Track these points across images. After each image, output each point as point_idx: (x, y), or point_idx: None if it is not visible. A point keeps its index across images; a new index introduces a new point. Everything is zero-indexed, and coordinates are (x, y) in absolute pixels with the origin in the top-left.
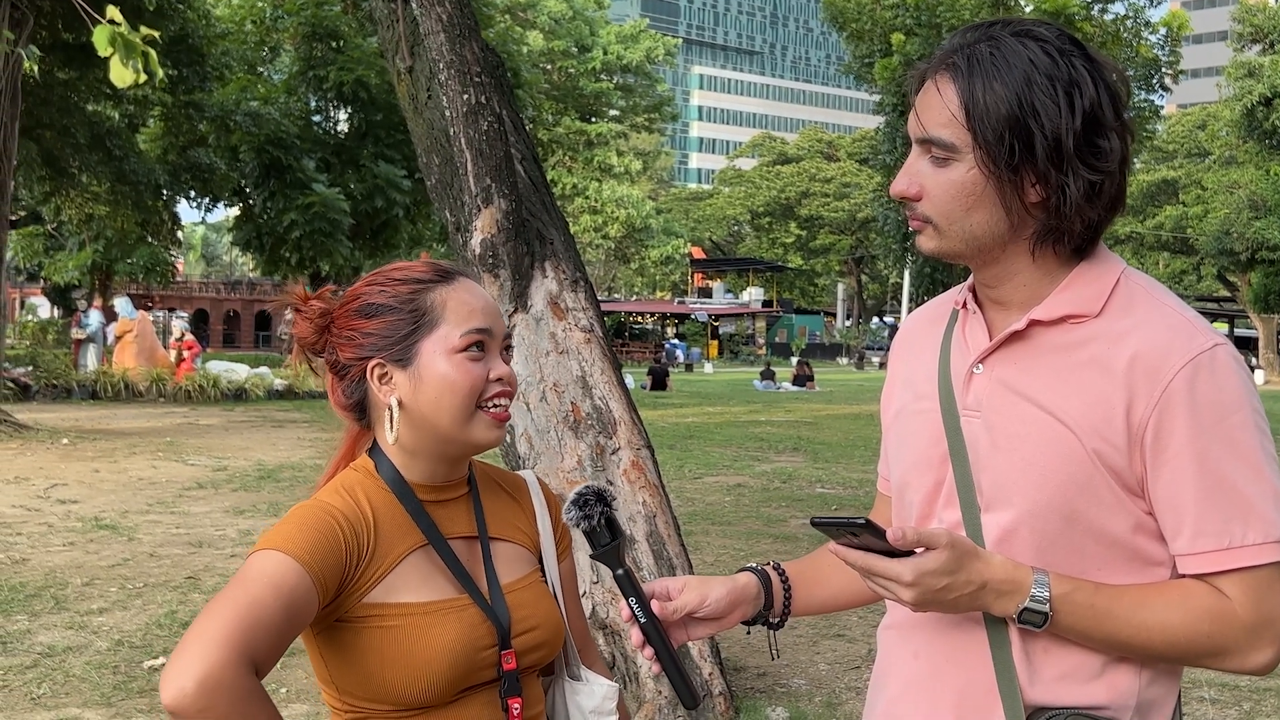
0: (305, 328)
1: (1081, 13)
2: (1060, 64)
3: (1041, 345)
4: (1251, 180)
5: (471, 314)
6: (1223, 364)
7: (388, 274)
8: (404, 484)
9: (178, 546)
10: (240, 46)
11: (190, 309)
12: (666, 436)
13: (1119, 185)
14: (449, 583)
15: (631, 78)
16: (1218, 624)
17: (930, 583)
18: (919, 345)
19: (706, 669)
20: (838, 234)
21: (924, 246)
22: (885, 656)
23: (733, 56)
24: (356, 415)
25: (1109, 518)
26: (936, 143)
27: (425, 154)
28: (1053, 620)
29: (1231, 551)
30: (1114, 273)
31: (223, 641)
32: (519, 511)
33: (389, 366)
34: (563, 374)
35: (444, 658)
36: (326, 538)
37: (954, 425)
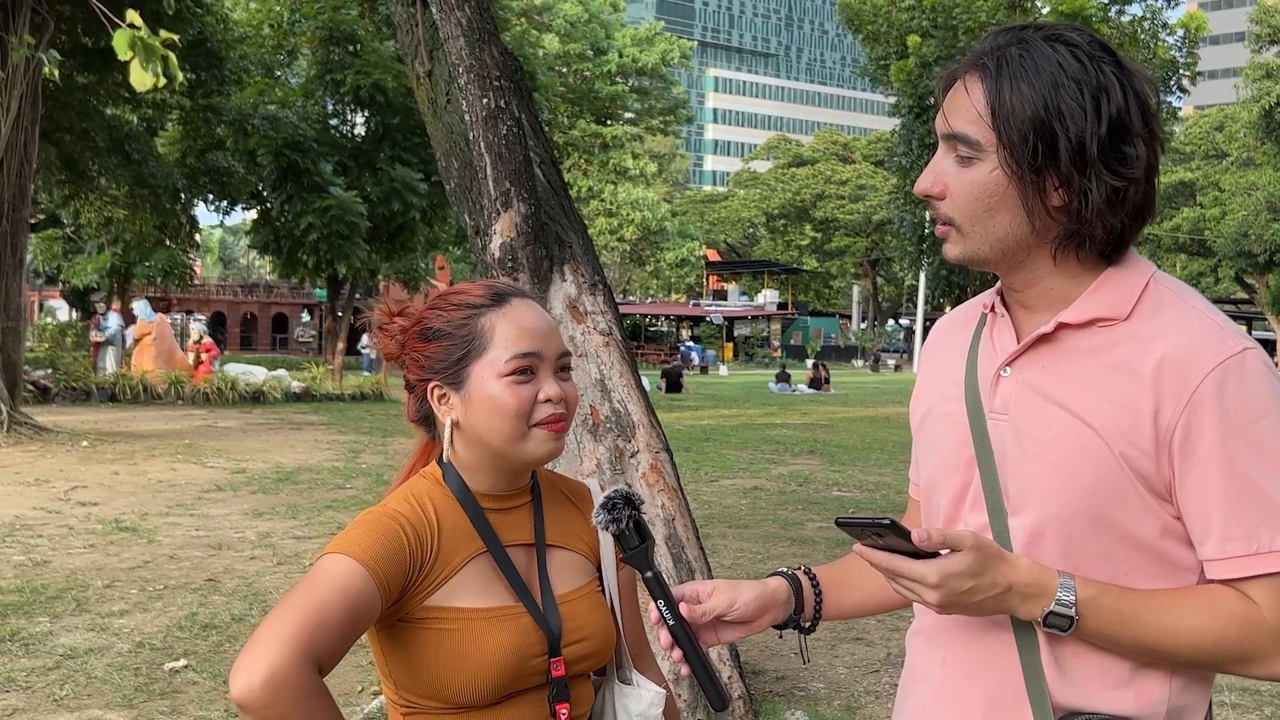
0: (389, 344)
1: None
2: (1090, 69)
3: (1069, 348)
4: (1269, 182)
5: (520, 338)
6: (1252, 368)
7: (447, 298)
8: (468, 493)
9: (197, 549)
10: (258, 50)
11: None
12: (682, 439)
13: (1145, 193)
14: (506, 590)
15: (647, 80)
16: (1245, 630)
17: (955, 585)
18: (948, 349)
19: (726, 673)
20: (853, 236)
21: (949, 253)
22: (913, 662)
23: (748, 59)
24: (425, 428)
25: (1136, 522)
26: (961, 139)
27: (444, 158)
28: (1078, 624)
29: (1260, 557)
30: (1143, 276)
31: (289, 640)
32: (580, 520)
33: (446, 388)
34: (581, 377)
35: (495, 663)
36: (392, 543)
37: (981, 428)
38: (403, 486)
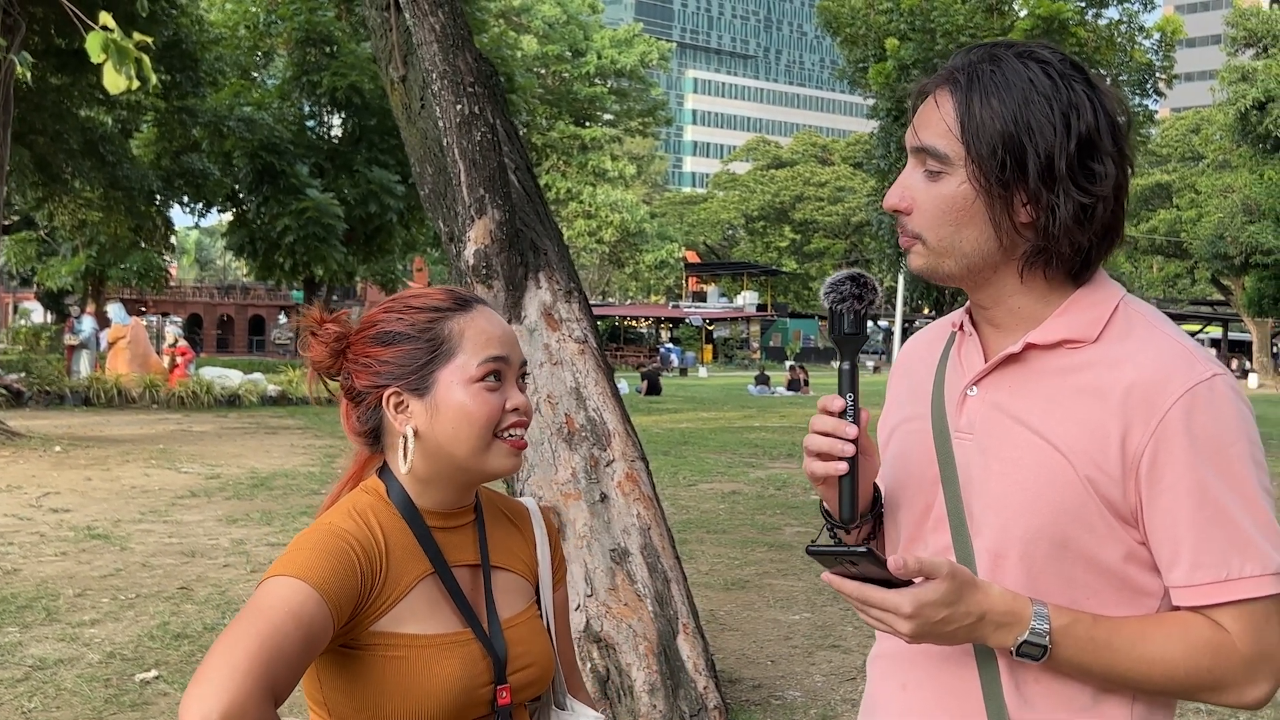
0: (320, 351)
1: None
2: (1061, 86)
3: (1037, 369)
4: (1245, 184)
5: (489, 343)
6: (1221, 394)
7: (406, 301)
8: (414, 509)
9: (170, 556)
10: (234, 52)
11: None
12: (661, 443)
13: (1113, 213)
14: (453, 614)
15: (625, 82)
16: (1217, 658)
17: (929, 614)
18: (916, 367)
19: (701, 682)
20: (832, 238)
21: (914, 265)
22: (874, 688)
23: (727, 60)
24: (369, 441)
25: (1100, 546)
26: (930, 152)
27: (419, 164)
28: (1051, 653)
29: (1230, 584)
30: (1113, 299)
31: (246, 672)
32: (520, 540)
33: (405, 395)
34: (557, 385)
35: (443, 693)
36: (343, 564)
37: (946, 448)
38: (344, 502)
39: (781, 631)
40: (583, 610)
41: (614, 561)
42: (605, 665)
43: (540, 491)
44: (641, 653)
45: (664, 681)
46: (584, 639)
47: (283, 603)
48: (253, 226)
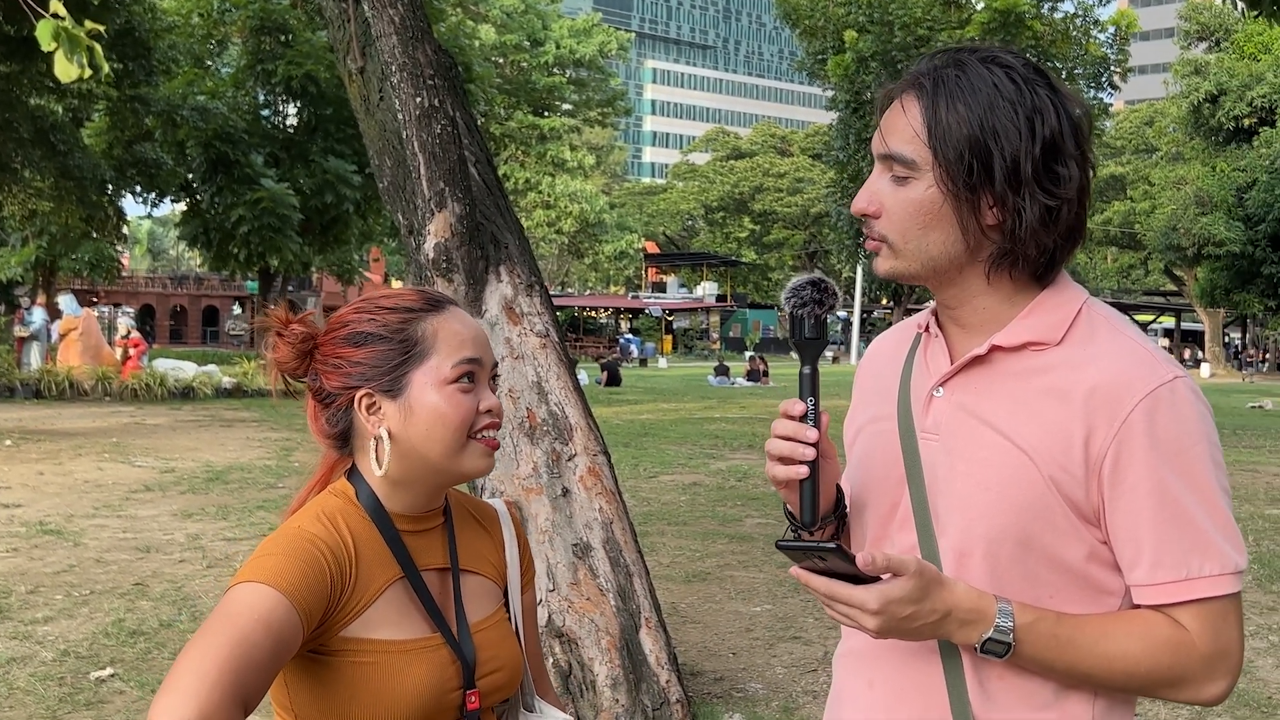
0: (286, 352)
1: (1032, 11)
2: (1025, 91)
3: (1002, 371)
4: (1198, 176)
5: (462, 344)
6: (1183, 397)
7: (377, 302)
8: (384, 513)
9: (125, 552)
10: (187, 40)
11: (136, 305)
12: (621, 434)
13: (1077, 214)
14: (423, 620)
15: (584, 72)
16: (1178, 655)
17: (895, 610)
18: (882, 368)
19: (664, 676)
20: (791, 229)
21: (880, 268)
22: (840, 684)
23: (686, 51)
24: (338, 444)
25: (1063, 545)
26: (898, 158)
27: (377, 156)
28: (1015, 650)
29: (1190, 583)
30: (1076, 302)
31: (215, 681)
32: (489, 543)
33: (378, 397)
34: (518, 379)
35: (412, 699)
36: (312, 570)
37: (912, 448)
38: (312, 505)
39: (743, 624)
40: (545, 605)
41: (576, 556)
42: (568, 660)
43: (502, 486)
44: (604, 647)
45: (626, 675)
46: (546, 634)
47: (252, 610)
48: (207, 217)
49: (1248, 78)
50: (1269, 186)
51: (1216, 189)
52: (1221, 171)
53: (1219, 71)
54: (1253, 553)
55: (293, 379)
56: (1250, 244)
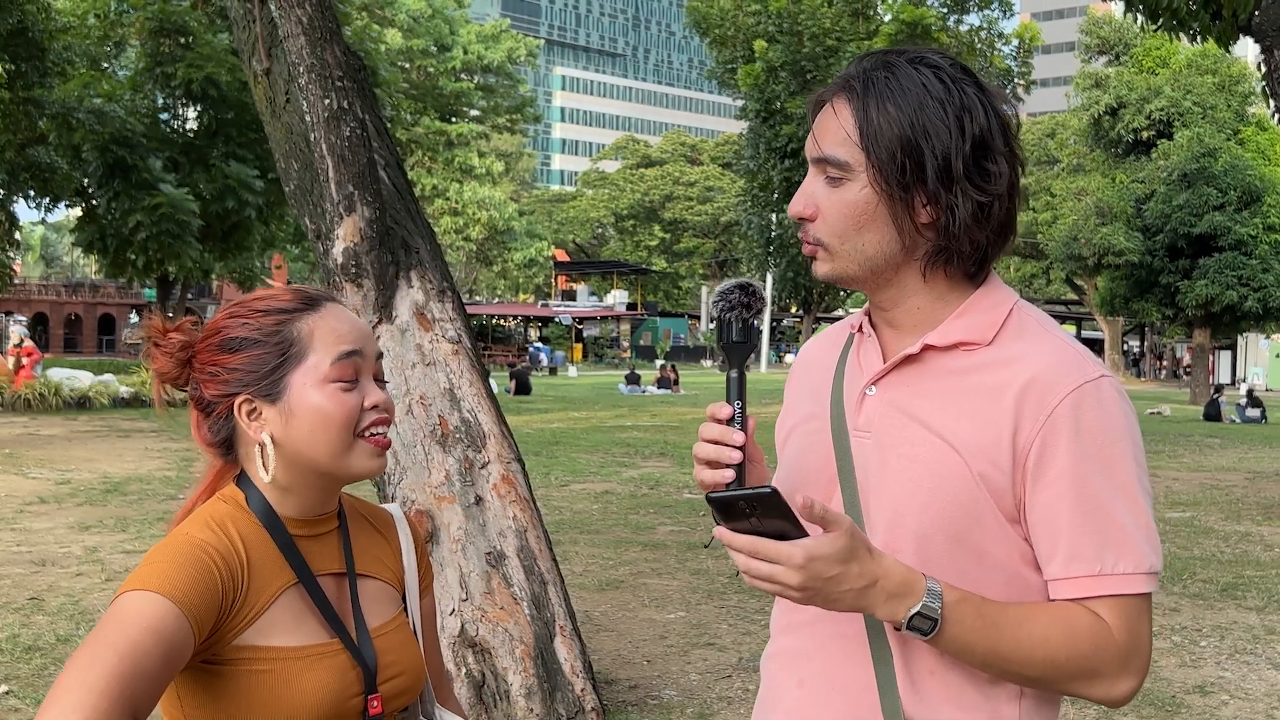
0: (165, 362)
1: (938, 23)
2: (953, 90)
3: (934, 369)
4: (1098, 188)
5: (340, 339)
6: (1108, 394)
7: (250, 304)
8: (275, 518)
9: (19, 565)
10: (83, 41)
11: (29, 313)
12: (532, 443)
13: (1007, 210)
14: (320, 625)
15: (492, 78)
16: (1097, 645)
17: (821, 569)
18: (813, 370)
19: (579, 685)
20: (701, 237)
21: (819, 271)
22: (769, 687)
23: (595, 58)
24: (222, 452)
25: (992, 542)
26: (831, 161)
27: (284, 159)
28: (940, 629)
29: (1104, 578)
30: (1007, 304)
31: (103, 692)
32: (385, 547)
33: (257, 402)
34: (430, 386)
35: (312, 706)
36: (203, 577)
37: (844, 446)
38: (200, 512)
39: (657, 631)
40: (458, 614)
41: (490, 565)
42: (481, 670)
43: (413, 495)
44: (518, 656)
45: (541, 685)
46: (459, 644)
47: (140, 618)
48: (103, 222)
49: (1146, 91)
50: (1166, 197)
51: (1116, 200)
52: (1121, 183)
53: (1119, 85)
54: None
55: (176, 388)
56: (1148, 254)
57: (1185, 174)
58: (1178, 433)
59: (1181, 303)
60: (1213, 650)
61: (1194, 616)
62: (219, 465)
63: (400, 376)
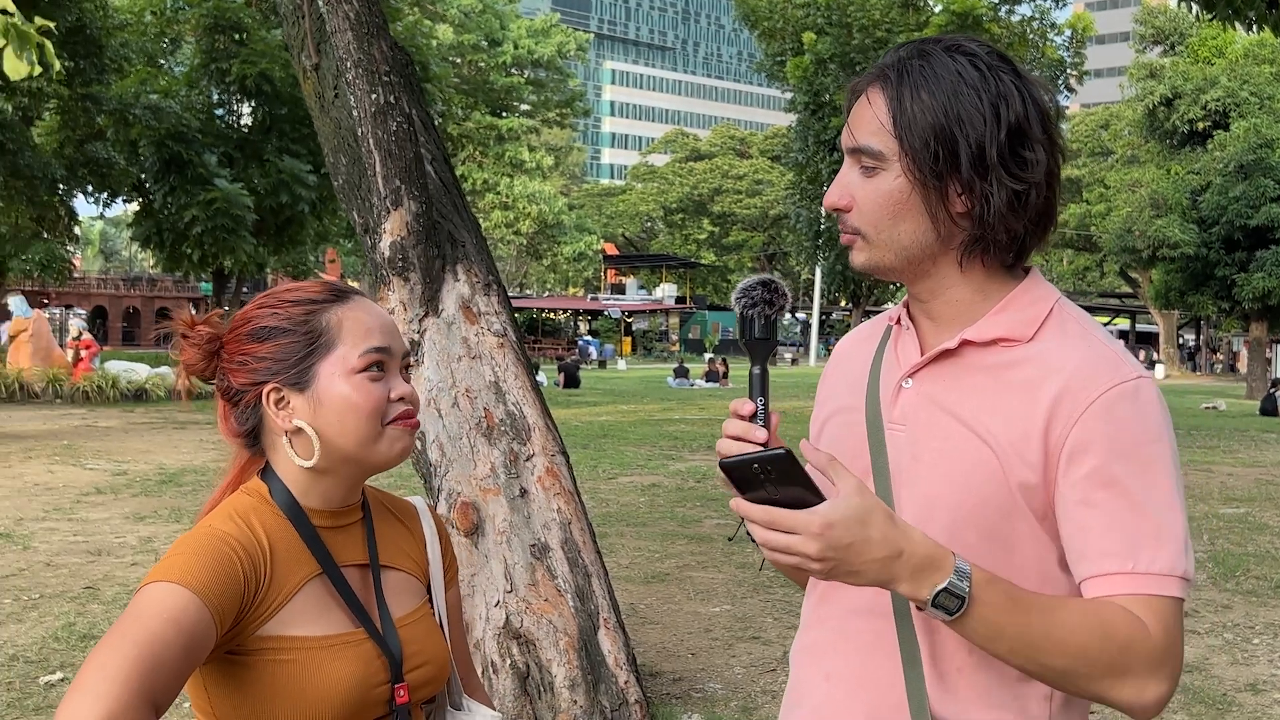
0: (193, 354)
1: (989, 14)
2: (989, 78)
3: (972, 365)
4: (1153, 179)
5: (369, 333)
6: (1145, 395)
7: (279, 295)
8: (299, 509)
9: (75, 555)
10: (140, 38)
11: (88, 306)
12: (580, 436)
13: (1046, 199)
14: (344, 615)
15: (543, 72)
16: (1132, 640)
17: (839, 535)
18: (850, 363)
19: (622, 677)
20: (750, 231)
21: (855, 261)
22: (797, 679)
23: (644, 52)
24: (248, 443)
25: (1023, 540)
26: (865, 151)
27: (332, 153)
28: (968, 609)
29: (1138, 576)
30: (1048, 301)
31: (124, 681)
32: (410, 539)
33: (285, 391)
34: (475, 379)
35: (337, 695)
36: (224, 568)
37: (879, 438)
38: (225, 505)
39: (702, 624)
40: (502, 606)
41: (534, 557)
42: (525, 661)
43: (459, 487)
44: (562, 648)
45: (584, 677)
46: (504, 635)
47: (161, 609)
48: (159, 217)
49: (1202, 81)
50: (1223, 189)
51: (1171, 192)
52: (1176, 174)
53: (1174, 75)
54: (1207, 551)
55: (203, 381)
56: (1204, 246)
57: (1242, 165)
58: (1233, 428)
59: (1238, 296)
60: (1265, 648)
61: (1246, 614)
62: (244, 458)
63: (446, 370)
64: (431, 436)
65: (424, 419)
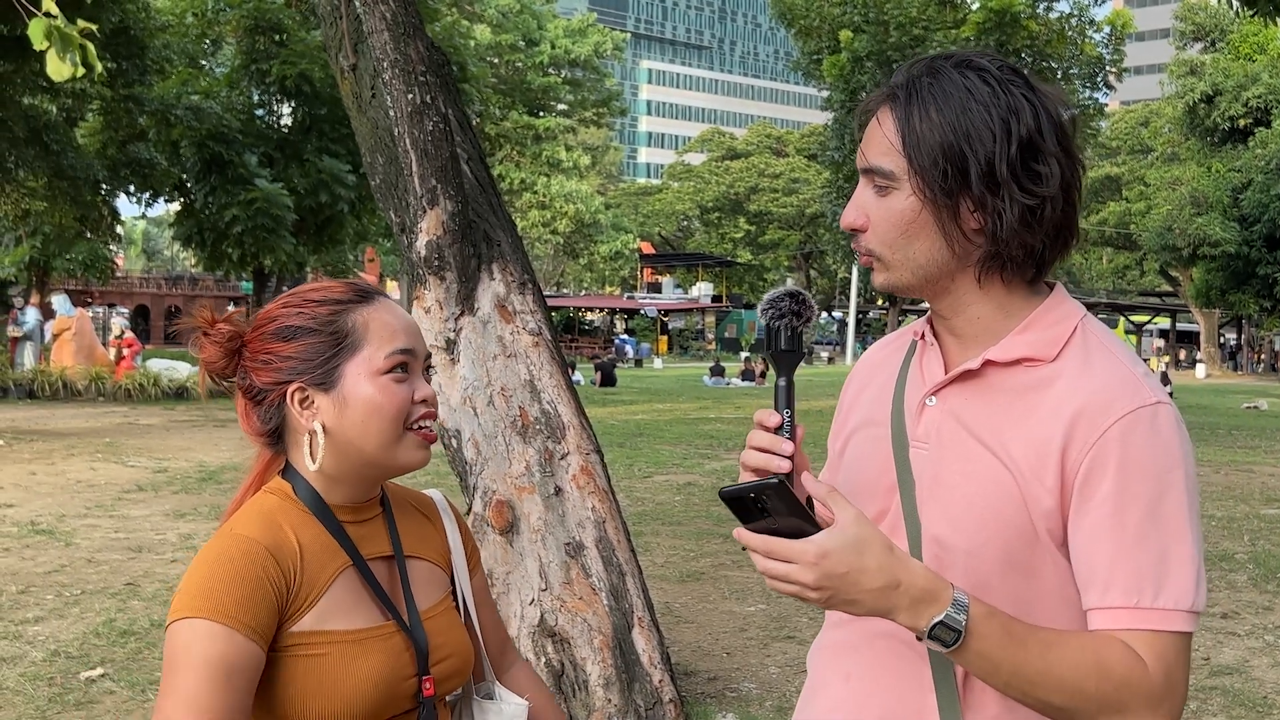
0: (213, 352)
1: (1027, 11)
2: (999, 92)
3: (995, 384)
4: (1193, 177)
5: (394, 335)
6: (1163, 421)
7: (304, 295)
8: (324, 505)
9: (117, 552)
10: (181, 39)
11: (131, 305)
12: (616, 434)
13: (1064, 213)
14: (374, 607)
15: (580, 72)
16: (1128, 680)
17: (834, 565)
18: (875, 375)
19: (657, 676)
20: (786, 229)
21: (876, 282)
22: (815, 678)
23: (681, 51)
24: (271, 441)
25: (1043, 565)
26: (876, 171)
27: (369, 154)
28: (964, 642)
29: (1141, 611)
30: (1072, 320)
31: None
32: (431, 529)
33: (310, 390)
34: (510, 378)
35: (369, 689)
36: (255, 588)
37: (903, 456)
38: (250, 506)
39: (737, 623)
40: (537, 604)
41: (569, 555)
42: (560, 660)
43: (494, 485)
44: (596, 646)
45: (619, 675)
46: (538, 633)
47: (206, 656)
48: (200, 216)
49: (1243, 78)
50: (1264, 187)
51: (1212, 189)
52: (1217, 172)
53: (1214, 72)
54: (1248, 552)
55: (222, 379)
56: (1245, 244)
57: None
58: (1275, 427)
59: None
60: None
61: None
62: (266, 457)
63: (482, 368)
64: (467, 435)
65: (459, 417)
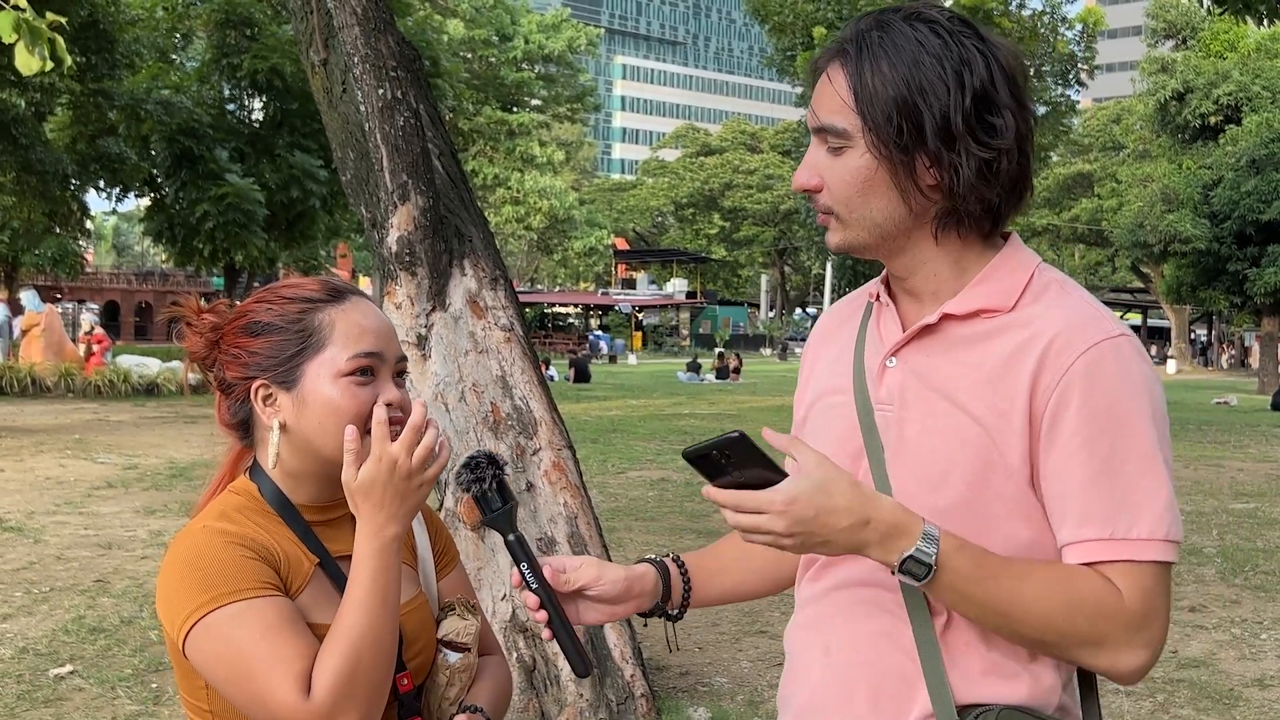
0: (196, 341)
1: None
2: (951, 44)
3: (954, 338)
4: (1164, 174)
5: (361, 337)
6: (1127, 353)
7: (278, 291)
8: (290, 506)
9: (86, 548)
10: (151, 33)
11: (100, 301)
12: (589, 430)
13: (1019, 165)
14: None
15: (554, 67)
16: (1101, 611)
17: (803, 509)
18: (832, 341)
19: (629, 670)
20: (761, 225)
21: (831, 241)
22: (794, 657)
23: (655, 47)
24: (240, 434)
25: (1012, 515)
26: (830, 130)
27: (340, 149)
28: (935, 575)
29: (1116, 543)
30: (1028, 268)
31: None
32: None
33: (273, 388)
34: (482, 374)
35: None
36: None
37: (868, 420)
38: (214, 506)
39: (709, 618)
40: (509, 600)
41: (541, 551)
42: (532, 655)
43: None
44: None
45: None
46: (510, 629)
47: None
48: (171, 212)
49: (1214, 75)
50: (1234, 184)
51: (1183, 186)
52: (1188, 169)
53: (1185, 69)
54: (1216, 546)
55: (205, 369)
56: (1216, 241)
57: (1254, 160)
58: (1244, 423)
59: (1249, 291)
60: (1273, 643)
61: (1255, 609)
62: (237, 450)
63: (453, 364)
64: None
65: (432, 413)
